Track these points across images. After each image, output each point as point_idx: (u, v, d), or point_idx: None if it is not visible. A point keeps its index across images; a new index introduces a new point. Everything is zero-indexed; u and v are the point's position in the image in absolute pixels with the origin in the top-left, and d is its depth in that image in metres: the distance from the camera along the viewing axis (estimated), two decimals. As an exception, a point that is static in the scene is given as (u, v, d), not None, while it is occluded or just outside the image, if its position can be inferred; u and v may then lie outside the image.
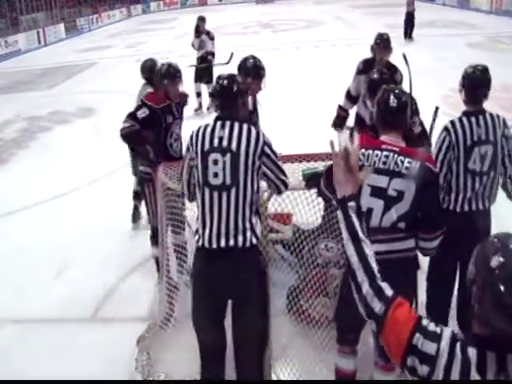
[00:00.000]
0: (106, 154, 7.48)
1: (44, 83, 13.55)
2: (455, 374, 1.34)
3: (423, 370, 1.37)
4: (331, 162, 2.35)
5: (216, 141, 2.56)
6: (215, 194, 2.53)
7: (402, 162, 2.37)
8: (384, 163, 2.40)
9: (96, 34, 25.43)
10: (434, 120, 3.29)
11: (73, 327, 3.80)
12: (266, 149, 2.58)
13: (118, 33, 24.91)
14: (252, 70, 3.66)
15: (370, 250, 1.55)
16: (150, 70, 4.78)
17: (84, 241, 4.92)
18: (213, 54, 9.13)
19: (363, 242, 1.55)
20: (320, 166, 3.28)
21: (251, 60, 3.73)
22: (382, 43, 4.61)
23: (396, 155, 2.39)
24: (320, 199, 3.06)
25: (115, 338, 3.57)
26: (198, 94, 9.01)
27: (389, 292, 1.49)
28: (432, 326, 1.42)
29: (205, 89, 8.78)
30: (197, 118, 8.13)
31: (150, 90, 4.55)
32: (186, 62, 5.97)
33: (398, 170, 2.38)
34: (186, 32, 22.40)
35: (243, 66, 3.72)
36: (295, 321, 3.40)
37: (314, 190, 3.05)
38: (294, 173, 3.36)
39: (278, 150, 2.77)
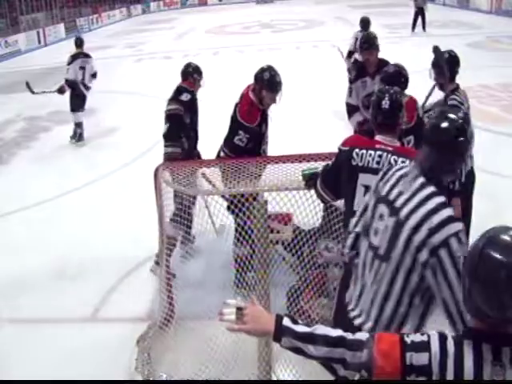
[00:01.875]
0: (106, 154, 7.49)
1: (44, 83, 13.52)
2: (450, 369, 1.37)
3: (422, 379, 1.39)
4: (328, 163, 2.36)
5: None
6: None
7: (396, 162, 2.35)
8: (377, 163, 2.39)
9: (96, 34, 25.42)
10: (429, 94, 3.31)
11: (73, 327, 3.80)
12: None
13: (118, 33, 24.91)
14: (268, 84, 3.67)
15: (321, 330, 1.52)
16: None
17: (84, 240, 4.92)
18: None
19: (315, 334, 1.51)
20: (320, 165, 3.28)
21: (268, 73, 3.73)
22: (364, 45, 4.80)
23: (390, 155, 2.39)
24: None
25: (115, 338, 3.56)
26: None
27: (363, 336, 1.49)
28: (418, 337, 1.44)
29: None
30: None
31: None
32: (189, 61, 5.95)
33: None
34: (186, 32, 22.46)
35: (259, 77, 3.72)
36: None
37: (314, 191, 3.05)
38: (294, 173, 3.36)
39: (278, 150, 2.77)
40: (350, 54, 8.34)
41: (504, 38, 14.84)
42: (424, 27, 16.96)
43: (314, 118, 7.84)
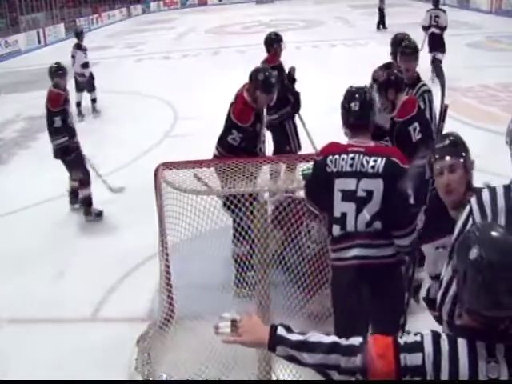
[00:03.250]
0: (106, 154, 7.49)
1: (44, 83, 13.49)
2: (444, 368, 1.37)
3: (417, 379, 1.40)
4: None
5: None
6: None
7: (368, 162, 2.38)
8: (351, 165, 2.41)
9: (96, 34, 25.41)
10: (442, 120, 3.26)
11: (73, 327, 3.80)
12: None
13: (118, 33, 24.90)
14: (262, 85, 3.67)
15: (315, 337, 1.52)
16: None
17: (84, 241, 4.92)
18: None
19: (309, 342, 1.51)
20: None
21: (263, 74, 3.72)
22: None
23: (362, 156, 2.40)
24: None
25: (115, 338, 3.56)
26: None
27: (357, 341, 1.49)
28: (411, 337, 1.45)
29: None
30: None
31: None
32: (189, 61, 5.96)
33: (364, 171, 2.39)
34: (186, 32, 22.46)
35: (254, 77, 3.71)
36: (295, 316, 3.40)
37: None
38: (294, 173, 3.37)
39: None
40: (425, 28, 9.74)
41: (504, 38, 14.83)
42: (379, 26, 18.25)
43: (313, 117, 7.83)
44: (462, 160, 2.06)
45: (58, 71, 5.63)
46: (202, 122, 7.79)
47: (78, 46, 9.62)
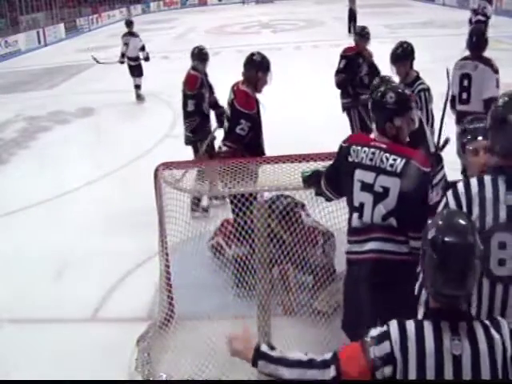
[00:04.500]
0: (106, 154, 7.49)
1: (44, 83, 13.55)
2: (412, 351, 1.47)
3: (387, 371, 1.49)
4: (330, 163, 2.37)
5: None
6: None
7: (387, 159, 2.38)
8: (371, 160, 2.42)
9: (96, 34, 25.41)
10: (443, 113, 3.29)
11: (73, 327, 3.80)
12: None
13: (118, 33, 24.86)
14: (262, 65, 3.86)
15: (293, 354, 1.63)
16: None
17: (84, 241, 4.92)
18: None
19: (288, 357, 1.62)
20: (320, 165, 3.27)
21: (258, 56, 3.93)
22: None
23: (382, 152, 2.41)
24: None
25: (115, 338, 3.56)
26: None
27: (328, 355, 1.59)
28: (377, 331, 1.56)
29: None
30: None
31: None
32: (189, 61, 5.98)
33: (383, 167, 2.39)
34: (186, 32, 22.45)
35: (253, 61, 3.90)
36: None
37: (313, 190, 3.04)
38: (295, 173, 3.36)
39: (278, 150, 2.77)
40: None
41: (504, 38, 14.84)
42: (350, 30, 16.66)
43: (313, 118, 7.83)
44: None
45: (200, 54, 5.74)
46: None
47: (131, 34, 10.47)
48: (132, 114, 9.54)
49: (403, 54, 4.18)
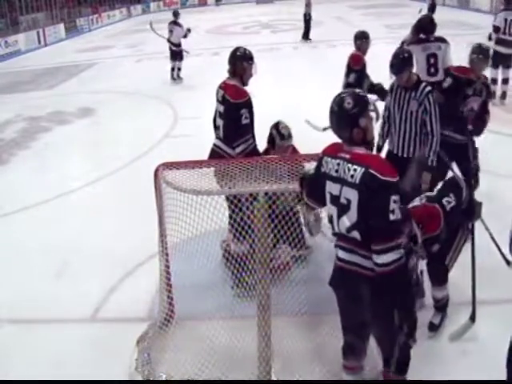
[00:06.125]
0: (106, 154, 7.49)
1: (44, 83, 13.54)
2: None
3: None
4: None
5: None
6: None
7: (349, 170, 2.33)
8: (336, 171, 2.40)
9: (96, 34, 25.41)
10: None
11: (73, 327, 3.80)
12: None
13: (118, 33, 24.90)
14: (245, 56, 3.99)
15: None
16: None
17: (84, 240, 4.92)
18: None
19: None
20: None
21: (241, 49, 4.06)
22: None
23: (345, 163, 2.36)
24: None
25: (115, 338, 3.56)
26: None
27: None
28: None
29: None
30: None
31: None
32: (189, 61, 5.97)
33: (345, 178, 2.35)
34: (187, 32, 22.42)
35: (236, 55, 4.01)
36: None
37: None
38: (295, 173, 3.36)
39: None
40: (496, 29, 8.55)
41: (504, 38, 14.81)
42: (304, 36, 16.69)
43: (313, 118, 7.82)
44: None
45: (362, 37, 5.67)
46: (201, 122, 7.76)
47: (176, 23, 11.89)
48: (132, 114, 9.53)
49: (403, 64, 4.06)
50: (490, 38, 8.27)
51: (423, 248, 2.88)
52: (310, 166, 3.18)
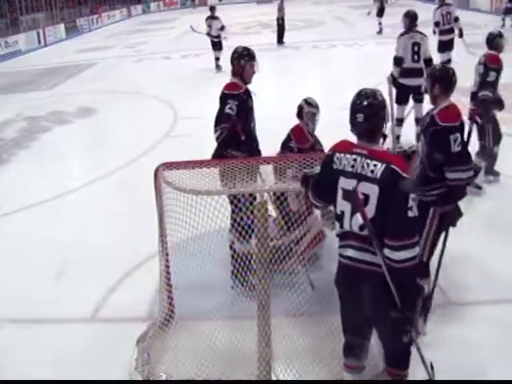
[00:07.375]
0: (106, 154, 7.49)
1: (44, 83, 13.54)
2: None
3: None
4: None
5: None
6: None
7: (368, 165, 2.34)
8: (352, 166, 2.39)
9: (96, 35, 25.42)
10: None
11: (73, 327, 3.80)
12: None
13: (118, 33, 24.90)
14: (245, 55, 4.01)
15: None
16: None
17: (84, 241, 4.92)
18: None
19: None
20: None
21: (241, 48, 4.11)
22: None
23: (363, 158, 2.37)
24: None
25: (115, 338, 3.56)
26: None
27: None
28: None
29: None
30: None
31: None
32: (189, 61, 5.97)
33: (364, 174, 2.35)
34: (186, 32, 22.43)
35: (237, 55, 4.03)
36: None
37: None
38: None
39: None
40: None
41: (504, 38, 14.81)
42: (279, 40, 16.64)
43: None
44: None
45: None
46: (202, 122, 7.75)
47: (213, 17, 12.95)
48: (132, 114, 9.53)
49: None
50: (434, 32, 9.59)
51: None
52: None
